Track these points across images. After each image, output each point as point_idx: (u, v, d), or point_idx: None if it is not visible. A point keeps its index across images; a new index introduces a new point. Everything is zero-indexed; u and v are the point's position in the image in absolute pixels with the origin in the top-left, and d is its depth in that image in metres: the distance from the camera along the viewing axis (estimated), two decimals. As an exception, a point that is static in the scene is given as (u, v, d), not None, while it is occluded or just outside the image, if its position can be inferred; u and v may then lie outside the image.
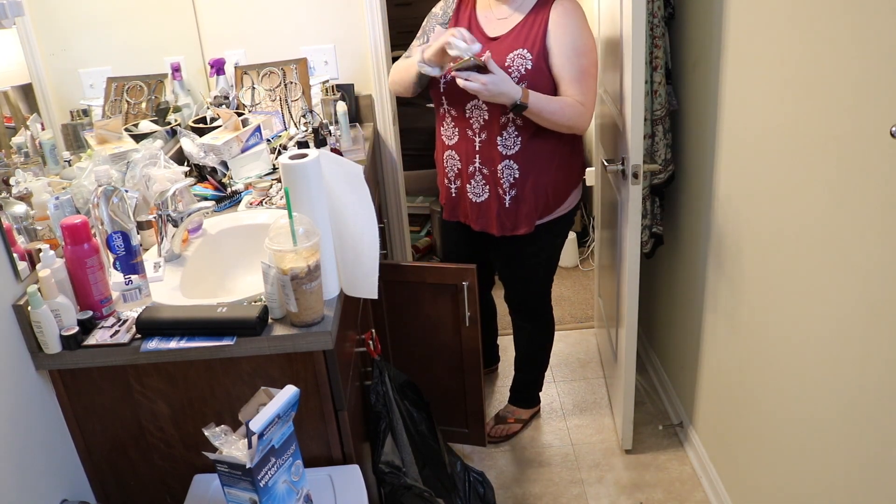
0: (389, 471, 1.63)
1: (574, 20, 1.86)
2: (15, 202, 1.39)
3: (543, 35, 1.86)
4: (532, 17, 1.88)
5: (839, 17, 1.23)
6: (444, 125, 2.04)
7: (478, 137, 1.96)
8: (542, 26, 1.86)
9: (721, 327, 1.90)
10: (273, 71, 2.36)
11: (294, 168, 1.28)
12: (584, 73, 1.87)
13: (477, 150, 1.98)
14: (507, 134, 1.92)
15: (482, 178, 2.00)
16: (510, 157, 1.94)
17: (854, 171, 1.22)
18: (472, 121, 1.95)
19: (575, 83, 1.86)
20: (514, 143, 1.93)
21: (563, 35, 1.84)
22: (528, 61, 1.85)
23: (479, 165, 1.99)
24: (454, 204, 2.13)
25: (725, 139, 1.77)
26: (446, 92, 1.95)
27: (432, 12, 2.06)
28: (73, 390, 1.33)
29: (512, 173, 1.96)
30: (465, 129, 1.98)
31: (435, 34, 2.01)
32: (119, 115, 1.96)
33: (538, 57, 1.85)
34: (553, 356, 2.81)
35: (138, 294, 1.39)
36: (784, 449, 1.59)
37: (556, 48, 1.85)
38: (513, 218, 2.02)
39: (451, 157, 2.05)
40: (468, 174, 2.02)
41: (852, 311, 1.27)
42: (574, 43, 1.85)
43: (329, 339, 1.28)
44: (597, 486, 2.17)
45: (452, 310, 1.98)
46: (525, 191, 1.98)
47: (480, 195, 2.03)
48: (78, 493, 1.38)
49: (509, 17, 1.91)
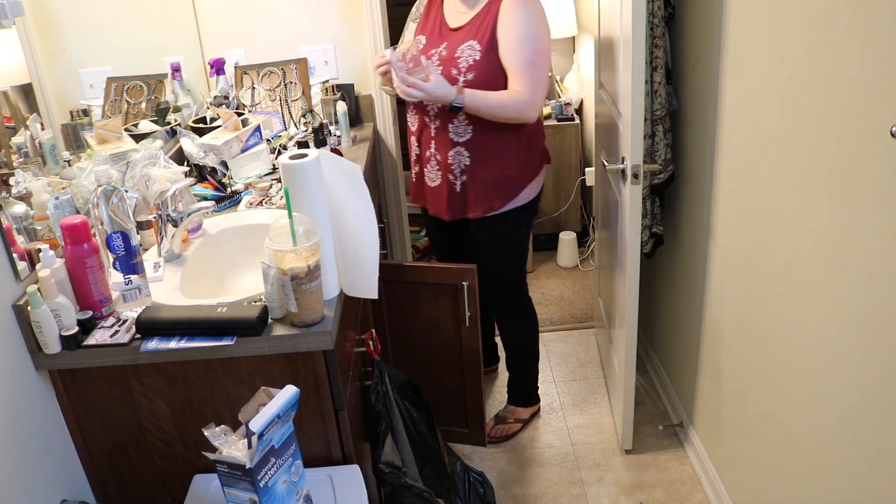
0: (389, 471, 1.63)
1: (524, 12, 1.89)
2: (15, 202, 1.39)
3: (493, 26, 1.91)
4: (486, 10, 1.94)
5: (839, 16, 1.23)
6: (408, 113, 2.14)
7: (433, 124, 2.04)
8: (492, 18, 1.92)
9: (721, 327, 1.90)
10: (273, 71, 2.36)
11: (294, 168, 1.29)
12: (530, 64, 1.90)
13: (432, 136, 2.05)
14: (458, 122, 1.99)
15: (436, 164, 2.08)
16: (461, 144, 2.01)
17: (854, 171, 1.22)
18: (428, 108, 2.03)
19: (521, 73, 1.91)
20: (464, 131, 1.99)
21: (511, 26, 1.89)
22: (477, 52, 1.91)
23: (433, 151, 2.07)
24: (417, 189, 2.21)
25: (725, 139, 1.77)
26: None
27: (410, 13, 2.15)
28: (73, 390, 1.33)
29: (462, 160, 2.02)
30: (422, 116, 2.06)
31: (409, 31, 2.13)
32: (119, 115, 1.96)
33: (486, 48, 1.91)
34: (553, 356, 2.82)
35: (138, 294, 1.39)
36: (784, 449, 1.59)
37: (504, 39, 1.90)
38: (461, 203, 2.08)
39: (413, 144, 2.14)
40: (425, 159, 2.11)
41: (852, 310, 1.27)
42: (521, 33, 1.89)
43: (329, 339, 1.28)
44: (597, 486, 2.17)
45: (452, 310, 1.98)
46: (475, 178, 2.04)
47: (434, 180, 2.10)
48: (78, 493, 1.38)
49: (468, 11, 1.98)
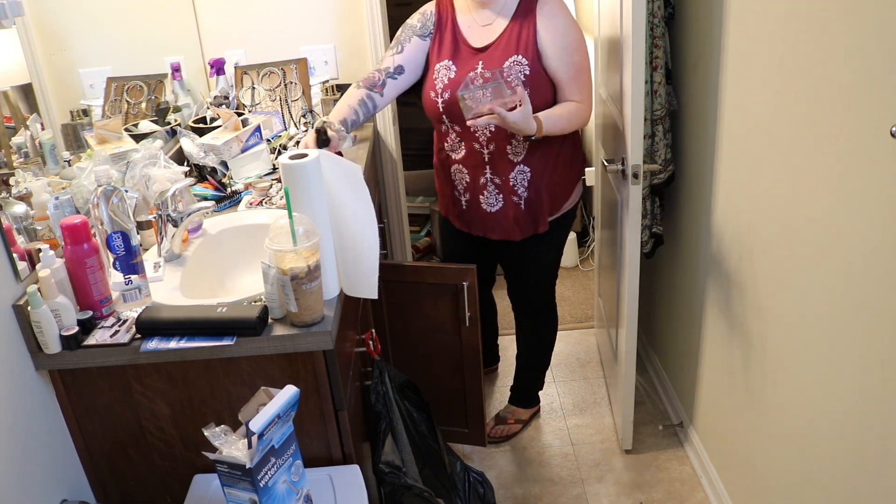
0: (389, 471, 1.63)
1: (561, 19, 1.86)
2: (15, 202, 1.39)
3: (534, 38, 1.85)
4: (519, 21, 1.87)
5: (839, 16, 1.23)
6: (447, 140, 2.02)
7: (485, 150, 1.95)
8: (531, 29, 1.85)
9: (721, 327, 1.90)
10: (273, 71, 2.36)
11: (294, 168, 1.29)
12: (579, 70, 1.89)
13: (486, 161, 1.97)
14: (515, 142, 1.93)
15: (495, 188, 2.00)
16: (520, 162, 1.96)
17: (854, 171, 1.22)
18: (478, 133, 1.94)
19: (573, 82, 1.88)
20: (522, 149, 1.94)
21: (554, 35, 1.85)
22: (526, 67, 1.85)
23: (490, 176, 1.99)
24: (469, 217, 2.11)
25: (725, 139, 1.77)
26: (445, 110, 1.92)
27: (408, 24, 1.99)
28: (73, 390, 1.33)
29: (524, 178, 1.97)
30: (471, 143, 1.96)
31: (411, 44, 1.95)
32: (119, 115, 1.96)
33: (534, 61, 1.85)
34: (553, 356, 2.81)
35: (138, 294, 1.39)
36: (784, 449, 1.59)
37: (550, 49, 1.85)
38: (531, 220, 2.03)
39: (458, 171, 2.04)
40: (480, 186, 2.02)
41: (852, 310, 1.27)
42: (565, 41, 1.86)
43: (329, 339, 1.28)
44: (597, 486, 2.17)
45: (452, 310, 1.97)
46: (538, 192, 1.99)
47: (494, 205, 2.03)
48: (78, 493, 1.37)
49: (493, 23, 1.89)
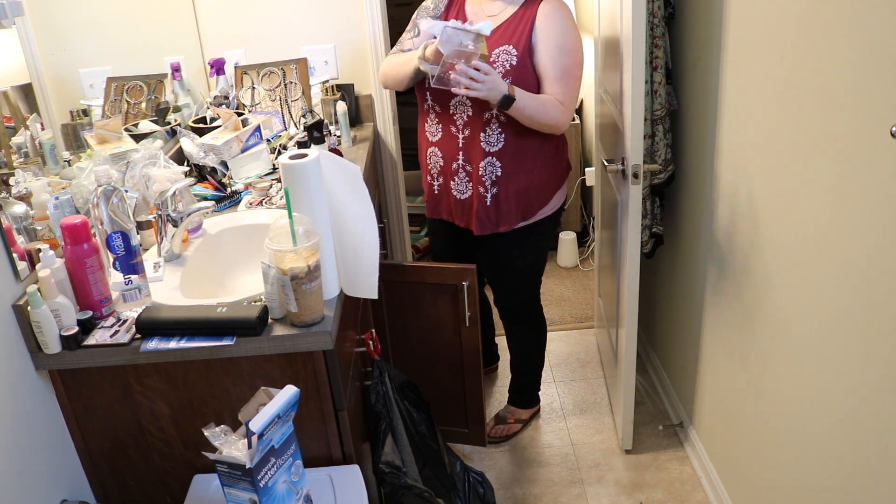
0: (389, 471, 1.63)
1: (561, 19, 1.87)
2: (15, 202, 1.39)
3: (530, 32, 1.87)
4: (520, 14, 1.89)
5: (839, 16, 1.23)
6: (427, 121, 2.05)
7: (461, 134, 1.97)
8: (529, 23, 1.88)
9: (721, 327, 1.90)
10: (273, 71, 2.36)
11: (294, 168, 1.29)
12: (566, 73, 1.88)
13: (460, 146, 1.98)
14: (490, 131, 1.93)
15: (465, 175, 2.02)
16: (493, 153, 1.95)
17: (854, 171, 1.22)
18: (456, 117, 1.96)
19: (557, 82, 1.88)
20: (497, 140, 1.94)
21: (550, 33, 1.86)
22: (514, 57, 1.86)
23: (462, 162, 2.00)
24: (437, 201, 2.13)
25: (725, 139, 1.77)
26: (431, 88, 1.94)
27: (423, 6, 2.06)
28: (73, 390, 1.33)
29: (494, 171, 1.97)
30: (448, 126, 1.99)
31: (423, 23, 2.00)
32: (119, 115, 1.96)
33: (523, 53, 1.87)
34: (553, 356, 2.82)
35: (138, 294, 1.39)
36: (784, 449, 1.59)
37: (542, 46, 1.87)
38: (493, 216, 2.02)
39: (434, 154, 2.06)
40: (452, 171, 2.03)
41: (852, 310, 1.27)
42: (559, 42, 1.86)
43: (329, 339, 1.28)
44: (597, 486, 2.17)
45: (452, 310, 1.97)
46: (507, 190, 1.98)
47: (464, 192, 2.04)
48: (78, 493, 1.37)
49: (499, 14, 1.93)
